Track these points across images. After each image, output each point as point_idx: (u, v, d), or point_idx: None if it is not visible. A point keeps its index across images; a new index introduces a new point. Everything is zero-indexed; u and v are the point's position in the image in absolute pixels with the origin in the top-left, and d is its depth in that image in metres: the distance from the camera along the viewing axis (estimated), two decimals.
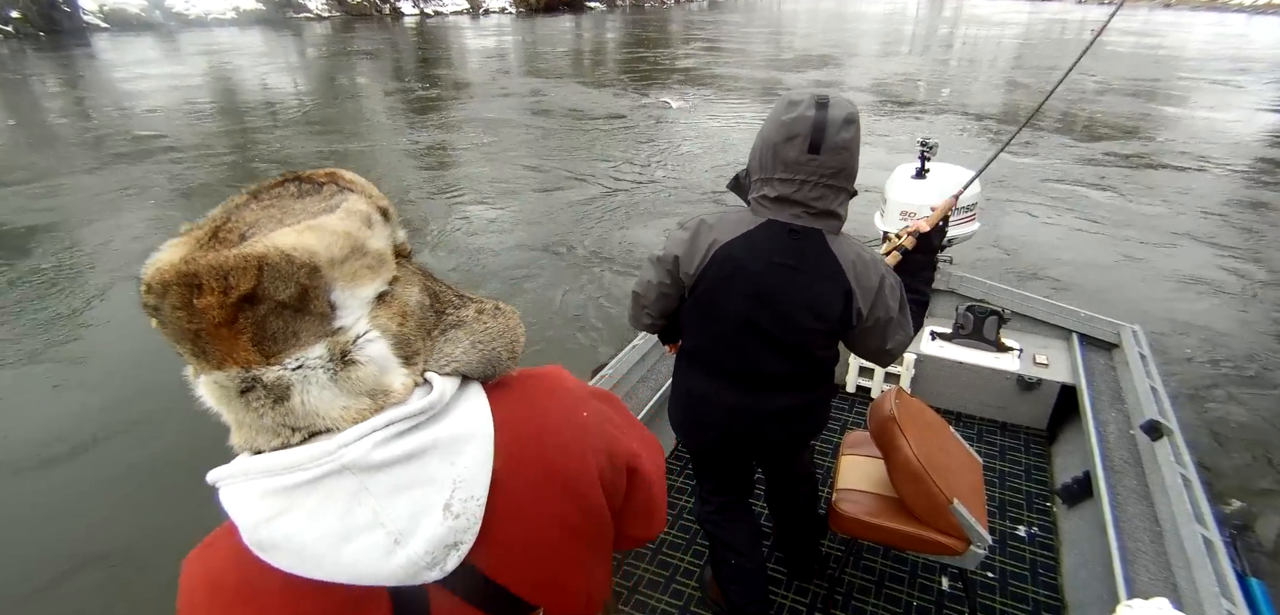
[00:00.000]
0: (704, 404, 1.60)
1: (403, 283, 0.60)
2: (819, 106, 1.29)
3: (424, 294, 0.63)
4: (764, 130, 1.37)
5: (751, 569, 1.83)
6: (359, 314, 0.56)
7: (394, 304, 0.59)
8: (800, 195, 1.34)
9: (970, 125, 11.94)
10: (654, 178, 8.75)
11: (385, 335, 0.57)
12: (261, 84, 15.64)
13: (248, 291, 0.49)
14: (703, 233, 1.44)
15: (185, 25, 27.57)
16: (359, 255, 0.55)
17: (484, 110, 12.96)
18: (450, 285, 0.69)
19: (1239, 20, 39.54)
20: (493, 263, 6.17)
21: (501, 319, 0.69)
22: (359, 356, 0.55)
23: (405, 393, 0.59)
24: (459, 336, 0.64)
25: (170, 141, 10.43)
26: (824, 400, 1.65)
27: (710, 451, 1.75)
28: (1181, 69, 19.60)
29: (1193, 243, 6.68)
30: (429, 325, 0.63)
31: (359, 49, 22.82)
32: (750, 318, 1.44)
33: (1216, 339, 4.90)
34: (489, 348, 0.66)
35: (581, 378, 0.83)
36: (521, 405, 0.68)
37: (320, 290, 0.53)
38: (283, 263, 0.50)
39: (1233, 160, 9.74)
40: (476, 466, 0.60)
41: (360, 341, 0.55)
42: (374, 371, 0.56)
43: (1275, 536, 3.15)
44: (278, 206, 0.57)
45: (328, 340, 0.54)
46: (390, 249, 0.60)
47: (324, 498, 0.54)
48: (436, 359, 0.62)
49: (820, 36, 28.93)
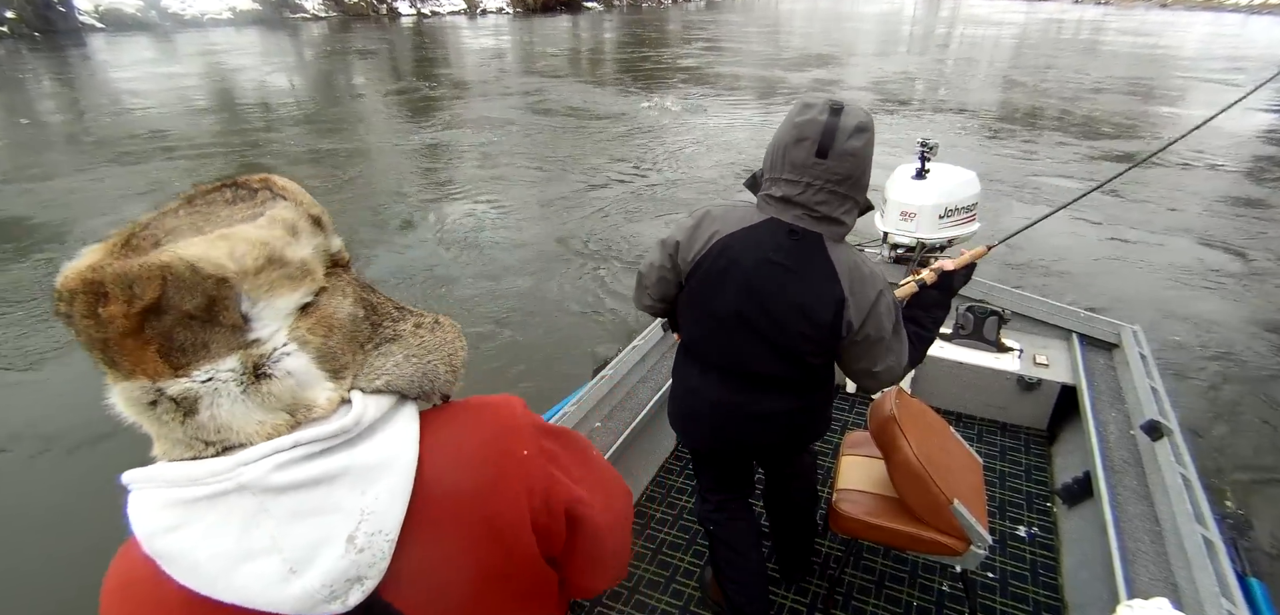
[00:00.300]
0: (695, 398, 1.61)
1: (333, 294, 0.59)
2: (832, 112, 1.29)
3: (357, 306, 0.61)
4: (778, 130, 1.38)
5: (751, 569, 1.83)
6: (277, 326, 0.54)
7: (319, 316, 0.57)
8: (804, 197, 1.34)
9: (968, 124, 11.95)
10: (655, 175, 8.75)
11: (305, 348, 0.55)
12: (259, 84, 15.61)
13: (152, 301, 0.48)
14: (706, 223, 1.46)
15: (181, 25, 27.47)
16: (276, 265, 0.53)
17: (483, 109, 12.96)
18: (389, 298, 0.66)
19: (1235, 20, 39.83)
20: (492, 261, 6.17)
21: (439, 333, 0.66)
22: (274, 370, 0.53)
23: (330, 408, 0.57)
24: (393, 350, 0.62)
25: (165, 142, 10.42)
26: (820, 407, 1.62)
27: (702, 448, 1.76)
28: (1179, 67, 19.66)
29: (1192, 242, 6.69)
30: (362, 338, 0.60)
31: (356, 49, 22.79)
32: (741, 312, 1.43)
33: (1217, 339, 4.91)
34: (424, 362, 0.63)
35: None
36: (455, 437, 0.65)
37: (230, 301, 0.51)
38: (187, 272, 0.49)
39: (1231, 158, 9.76)
40: (390, 498, 0.57)
41: (277, 354, 0.54)
42: (292, 385, 0.54)
43: (1275, 537, 3.16)
44: (204, 213, 0.55)
45: (241, 352, 0.52)
46: (319, 259, 0.58)
47: (222, 516, 0.52)
48: (367, 374, 0.60)
49: (819, 36, 28.95)
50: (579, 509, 0.72)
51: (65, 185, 8.35)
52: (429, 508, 0.60)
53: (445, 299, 5.48)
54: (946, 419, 2.06)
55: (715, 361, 1.53)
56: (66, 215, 7.29)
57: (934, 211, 2.90)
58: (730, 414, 1.56)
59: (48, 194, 8.02)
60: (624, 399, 2.56)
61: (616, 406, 2.52)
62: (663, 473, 2.67)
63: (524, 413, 0.71)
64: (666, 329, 2.93)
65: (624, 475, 2.70)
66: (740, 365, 1.50)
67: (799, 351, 1.43)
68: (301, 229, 0.57)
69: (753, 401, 1.53)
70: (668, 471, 2.68)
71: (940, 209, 2.90)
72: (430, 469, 0.61)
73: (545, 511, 0.68)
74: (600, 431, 2.38)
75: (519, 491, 0.66)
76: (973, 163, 2.70)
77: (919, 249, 3.01)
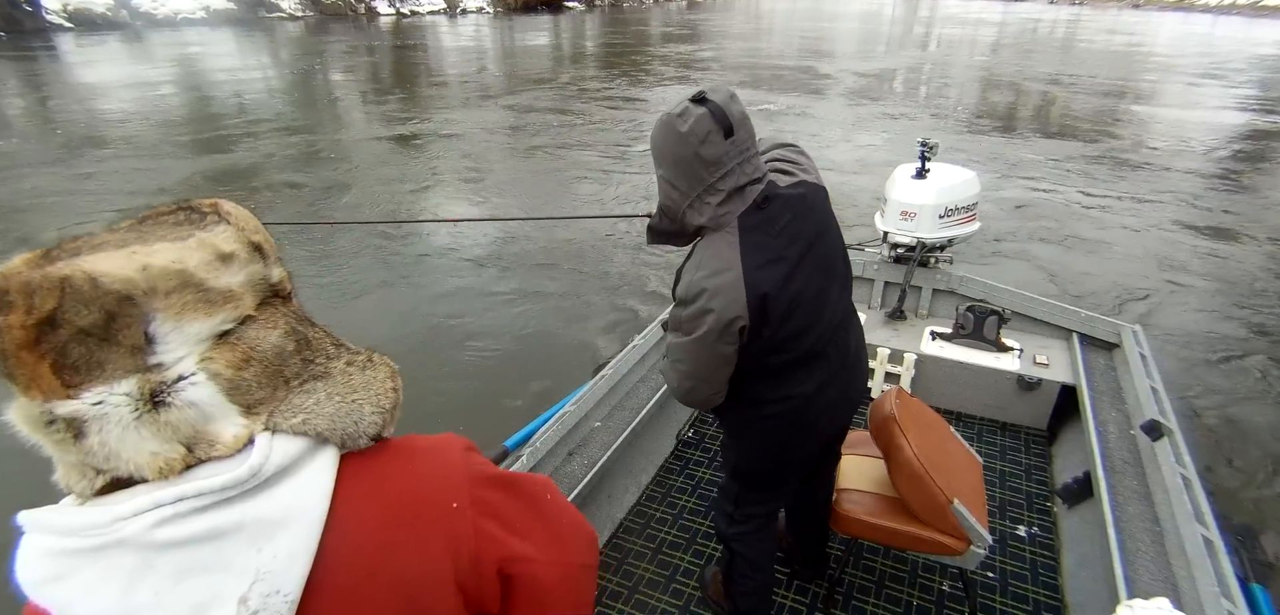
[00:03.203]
0: (806, 409, 1.50)
1: (262, 324, 0.56)
2: (705, 100, 1.28)
3: (288, 338, 0.57)
4: (669, 155, 1.32)
5: (764, 582, 1.83)
6: (186, 352, 0.51)
7: (239, 346, 0.54)
8: (744, 176, 1.33)
9: (950, 122, 11.99)
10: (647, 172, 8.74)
11: (214, 379, 0.52)
12: (234, 86, 15.47)
13: (48, 313, 0.46)
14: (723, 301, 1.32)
15: (153, 25, 27.33)
16: (191, 288, 0.51)
17: (468, 110, 12.96)
18: (328, 333, 0.63)
19: (1205, 20, 40.50)
20: (488, 261, 6.17)
21: (371, 372, 0.62)
22: (174, 399, 0.50)
23: (235, 445, 0.53)
24: (317, 389, 0.58)
25: (133, 145, 10.28)
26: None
27: (811, 453, 1.64)
28: (1167, 67, 19.76)
29: (1192, 242, 6.68)
30: (289, 373, 0.57)
31: (334, 49, 22.66)
32: (829, 273, 1.45)
33: (1217, 339, 4.90)
34: (348, 402, 0.59)
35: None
36: (377, 487, 0.60)
37: (132, 320, 0.48)
38: (86, 285, 0.47)
39: (1231, 157, 9.76)
40: (290, 557, 0.52)
41: (181, 383, 0.51)
42: (192, 417, 0.51)
43: (1278, 542, 3.15)
44: (141, 233, 0.53)
45: (139, 377, 0.49)
46: (252, 287, 0.56)
47: (105, 570, 0.49)
48: (285, 411, 0.56)
49: (799, 36, 29.04)
50: (516, 567, 0.67)
51: (28, 187, 8.16)
52: (337, 567, 0.55)
53: (437, 299, 5.49)
54: (946, 419, 2.06)
55: (818, 349, 1.46)
56: (16, 225, 7.08)
57: (934, 211, 2.90)
58: (844, 386, 1.56)
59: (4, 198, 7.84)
60: (624, 399, 2.57)
61: (616, 406, 2.52)
62: (663, 473, 2.67)
63: (462, 458, 0.66)
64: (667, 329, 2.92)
65: (623, 475, 2.69)
66: (832, 322, 1.48)
67: (845, 260, 1.52)
68: (234, 255, 0.55)
69: (853, 345, 1.57)
70: (668, 471, 2.68)
71: (940, 208, 2.90)
72: (343, 523, 0.56)
73: (473, 571, 0.63)
74: (600, 431, 2.38)
75: (441, 550, 0.61)
76: (963, 161, 2.70)
77: (919, 248, 3.01)
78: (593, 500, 2.35)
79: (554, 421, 2.29)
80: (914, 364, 2.93)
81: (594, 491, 2.30)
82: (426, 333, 4.97)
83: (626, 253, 6.31)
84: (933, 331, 3.03)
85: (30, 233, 6.83)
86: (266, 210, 7.41)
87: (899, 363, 2.96)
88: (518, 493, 0.71)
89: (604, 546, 2.33)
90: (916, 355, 2.93)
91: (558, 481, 2.15)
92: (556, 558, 0.71)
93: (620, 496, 2.50)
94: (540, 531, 0.70)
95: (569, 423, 2.33)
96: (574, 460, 2.24)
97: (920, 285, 3.20)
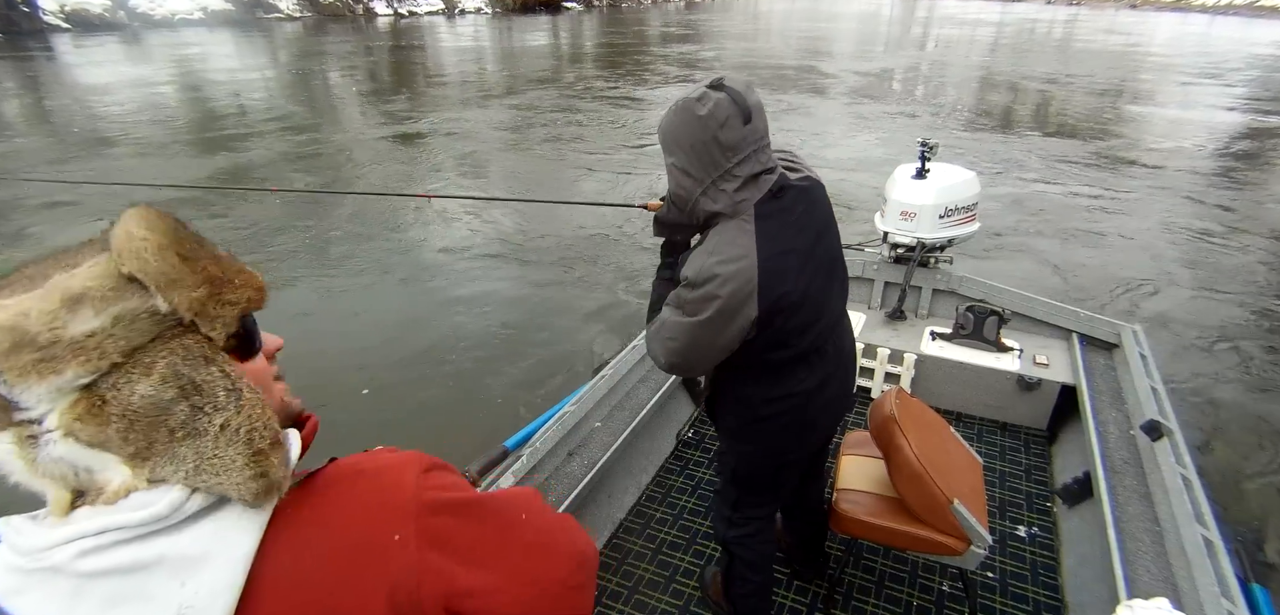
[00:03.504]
0: (807, 404, 1.51)
1: (129, 372, 0.51)
2: (723, 86, 1.29)
3: (166, 387, 0.52)
4: (686, 140, 1.31)
5: (764, 584, 1.83)
6: (46, 407, 0.50)
7: (95, 401, 0.50)
8: (759, 164, 1.33)
9: (949, 121, 12.00)
10: (645, 171, 8.74)
11: (70, 436, 0.50)
12: (232, 87, 15.40)
13: None
14: (732, 289, 1.30)
15: (150, 25, 27.22)
16: (27, 348, 0.47)
17: (466, 110, 12.95)
18: (226, 373, 0.56)
19: (1202, 20, 40.79)
20: (488, 260, 6.17)
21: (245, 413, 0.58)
22: (41, 455, 0.50)
23: (122, 491, 0.52)
24: (188, 447, 0.53)
25: (132, 149, 10.22)
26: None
27: (802, 454, 1.63)
28: (1164, 66, 19.83)
29: (1191, 240, 6.69)
30: (171, 425, 0.52)
31: (335, 50, 22.60)
32: (831, 272, 1.47)
33: (1217, 339, 4.90)
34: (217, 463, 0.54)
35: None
36: (316, 517, 0.57)
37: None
38: None
39: (1230, 155, 9.76)
40: (212, 595, 0.52)
41: (46, 438, 0.50)
42: (65, 470, 0.51)
43: (1278, 542, 3.15)
44: (35, 271, 0.52)
45: (13, 430, 0.50)
46: (120, 327, 0.50)
47: (47, 593, 0.51)
48: (166, 470, 0.53)
49: (798, 36, 29.07)
50: (468, 603, 0.61)
51: (20, 190, 8.06)
52: (264, 605, 0.54)
53: (437, 298, 5.49)
54: (946, 419, 2.06)
55: (819, 346, 1.48)
56: (11, 226, 7.02)
57: (934, 211, 2.91)
58: (841, 382, 1.59)
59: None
60: (624, 399, 2.56)
61: (616, 406, 2.52)
62: (663, 473, 2.67)
63: (416, 482, 0.61)
64: None
65: (623, 475, 2.68)
66: (831, 319, 1.50)
67: (842, 258, 1.55)
68: (88, 300, 0.49)
69: (848, 353, 1.60)
70: (668, 471, 2.68)
71: (940, 209, 2.90)
72: (276, 559, 0.54)
73: (412, 609, 0.58)
74: (600, 431, 2.38)
75: (375, 586, 0.57)
76: (955, 157, 2.71)
77: (919, 248, 3.01)
78: (593, 500, 2.35)
79: (554, 421, 2.29)
80: (914, 364, 2.93)
81: (594, 491, 2.30)
82: (426, 332, 4.97)
83: (627, 252, 6.31)
84: (933, 331, 3.03)
85: (18, 230, 6.83)
86: (266, 205, 7.42)
87: (899, 363, 2.96)
88: (479, 517, 0.65)
89: (604, 547, 2.33)
90: (916, 355, 2.93)
91: (558, 481, 2.15)
92: (529, 582, 0.66)
93: (620, 496, 2.50)
94: (509, 557, 0.65)
95: (569, 423, 2.33)
96: (574, 460, 2.24)
97: (920, 285, 3.20)
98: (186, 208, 7.52)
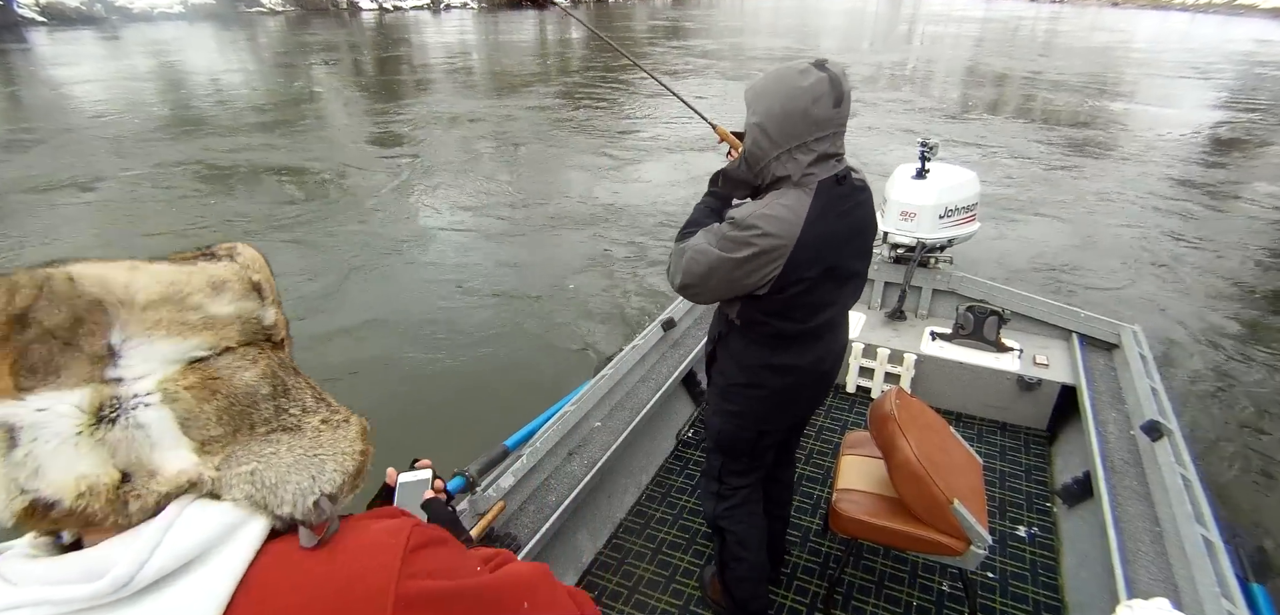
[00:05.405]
0: (801, 374, 1.59)
1: (239, 358, 0.53)
2: (825, 67, 1.37)
3: (264, 381, 0.54)
4: (778, 104, 1.36)
5: (758, 566, 1.84)
6: (147, 371, 0.48)
7: (206, 374, 0.51)
8: (834, 147, 1.41)
9: (939, 117, 12.04)
10: (643, 169, 8.74)
11: (170, 404, 0.49)
12: (215, 83, 15.16)
13: (21, 309, 0.45)
14: (769, 243, 1.38)
15: (129, 19, 26.71)
16: (171, 306, 0.49)
17: (456, 107, 12.88)
18: (313, 386, 0.59)
19: (1182, 19, 41.30)
20: (483, 262, 6.17)
21: (342, 431, 0.58)
22: (123, 418, 0.47)
23: (178, 481, 0.49)
24: (283, 441, 0.54)
25: (112, 148, 10.02)
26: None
27: (784, 426, 1.73)
28: (1146, 63, 19.96)
29: (1190, 240, 6.69)
30: (256, 419, 0.54)
31: (316, 45, 22.32)
32: (854, 271, 1.54)
33: (1217, 339, 4.90)
34: (310, 457, 0.54)
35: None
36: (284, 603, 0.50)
37: (97, 327, 0.47)
38: (63, 284, 0.46)
39: (1227, 154, 9.76)
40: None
41: (135, 401, 0.48)
42: (139, 440, 0.48)
43: (1277, 540, 3.15)
44: (184, 255, 0.55)
45: (93, 387, 0.46)
46: (240, 323, 0.54)
47: None
48: (240, 457, 0.52)
49: (785, 33, 29.15)
50: None
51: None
52: None
53: (437, 298, 5.49)
54: (946, 419, 2.06)
55: (822, 330, 1.56)
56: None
57: (934, 211, 2.91)
58: (830, 368, 1.65)
59: None
60: (624, 399, 2.56)
61: (616, 406, 2.52)
62: (663, 473, 2.67)
63: (395, 567, 0.53)
64: (666, 328, 2.93)
65: (623, 475, 2.69)
66: (841, 310, 1.59)
67: (867, 263, 1.63)
68: (229, 288, 0.54)
69: (843, 338, 1.67)
70: (668, 471, 2.68)
71: (940, 209, 2.90)
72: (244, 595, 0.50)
73: None
74: (600, 431, 2.38)
75: None
76: (944, 152, 2.72)
77: (919, 248, 3.01)
78: (593, 500, 2.35)
79: (554, 421, 2.29)
80: (914, 364, 2.93)
81: (594, 491, 2.30)
82: (426, 331, 4.97)
83: (627, 252, 6.31)
84: (933, 332, 3.04)
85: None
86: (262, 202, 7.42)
87: (899, 363, 2.96)
88: (471, 604, 0.56)
89: (604, 546, 2.33)
90: (916, 355, 2.93)
91: (558, 481, 2.15)
92: None
93: (620, 496, 2.50)
94: None
95: (569, 423, 2.33)
96: (574, 460, 2.24)
97: (920, 285, 3.20)
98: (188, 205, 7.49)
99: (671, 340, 2.93)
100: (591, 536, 2.32)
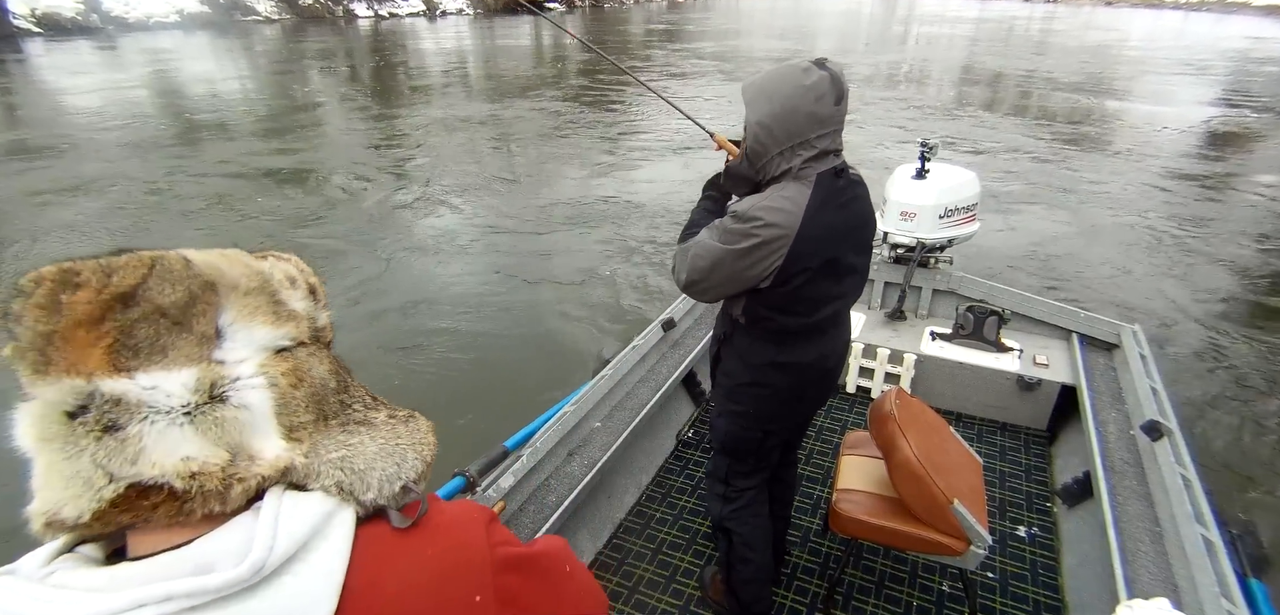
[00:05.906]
0: (804, 373, 1.60)
1: (311, 354, 0.56)
2: (825, 66, 1.40)
3: (332, 376, 0.58)
4: (780, 102, 1.39)
5: (763, 567, 1.83)
6: (247, 355, 0.50)
7: (294, 363, 0.53)
8: (834, 143, 1.45)
9: (935, 116, 12.06)
10: (642, 170, 8.75)
11: (271, 386, 0.51)
12: (211, 93, 15.11)
13: (128, 288, 0.45)
14: (772, 234, 1.40)
15: (125, 29, 26.60)
16: (267, 294, 0.52)
17: (455, 111, 12.89)
18: (364, 386, 0.63)
19: (1175, 17, 41.83)
20: (482, 263, 6.17)
21: (413, 424, 0.61)
22: (233, 397, 0.48)
23: (277, 465, 0.50)
24: (361, 431, 0.57)
25: (108, 158, 9.92)
26: None
27: (789, 426, 1.74)
28: (1142, 60, 20.04)
29: (1189, 241, 6.69)
30: (328, 411, 0.56)
31: (313, 53, 22.30)
32: (854, 266, 1.55)
33: (1217, 339, 4.91)
34: (392, 446, 0.57)
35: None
36: (398, 573, 0.53)
37: (210, 308, 0.48)
38: (178, 264, 0.47)
39: (1223, 148, 9.77)
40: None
41: (240, 382, 0.49)
42: (245, 421, 0.49)
43: (1275, 538, 3.15)
44: (244, 255, 0.57)
45: (201, 367, 0.47)
46: (306, 319, 0.57)
47: None
48: (326, 447, 0.53)
49: (780, 35, 29.16)
50: None
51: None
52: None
53: (437, 299, 5.49)
54: (946, 419, 2.06)
55: (825, 325, 1.58)
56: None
57: (934, 211, 2.91)
58: (835, 365, 1.65)
59: None
60: (624, 399, 2.56)
61: (616, 406, 2.52)
62: (663, 473, 2.67)
63: (485, 538, 0.59)
64: (666, 329, 2.93)
65: (623, 475, 2.70)
66: (843, 306, 1.60)
67: (868, 258, 1.64)
68: (298, 286, 0.58)
69: (845, 336, 1.69)
70: (668, 471, 2.68)
71: (940, 209, 2.91)
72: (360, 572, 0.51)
73: None
74: (600, 431, 2.38)
75: None
76: (942, 152, 2.74)
77: (919, 249, 3.02)
78: (593, 500, 2.35)
79: (554, 421, 2.29)
80: (914, 364, 2.93)
81: (594, 491, 2.30)
82: (426, 332, 4.97)
83: (627, 252, 6.31)
84: (933, 332, 3.04)
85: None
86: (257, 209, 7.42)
87: (899, 363, 2.96)
88: (540, 573, 0.65)
89: (604, 547, 2.33)
90: (916, 355, 2.93)
91: (558, 481, 2.15)
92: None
93: (620, 496, 2.50)
94: (563, 611, 0.67)
95: (569, 423, 2.33)
96: (574, 460, 2.24)
97: (920, 285, 3.20)
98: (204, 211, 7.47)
99: (671, 340, 2.93)
100: (592, 537, 2.32)
